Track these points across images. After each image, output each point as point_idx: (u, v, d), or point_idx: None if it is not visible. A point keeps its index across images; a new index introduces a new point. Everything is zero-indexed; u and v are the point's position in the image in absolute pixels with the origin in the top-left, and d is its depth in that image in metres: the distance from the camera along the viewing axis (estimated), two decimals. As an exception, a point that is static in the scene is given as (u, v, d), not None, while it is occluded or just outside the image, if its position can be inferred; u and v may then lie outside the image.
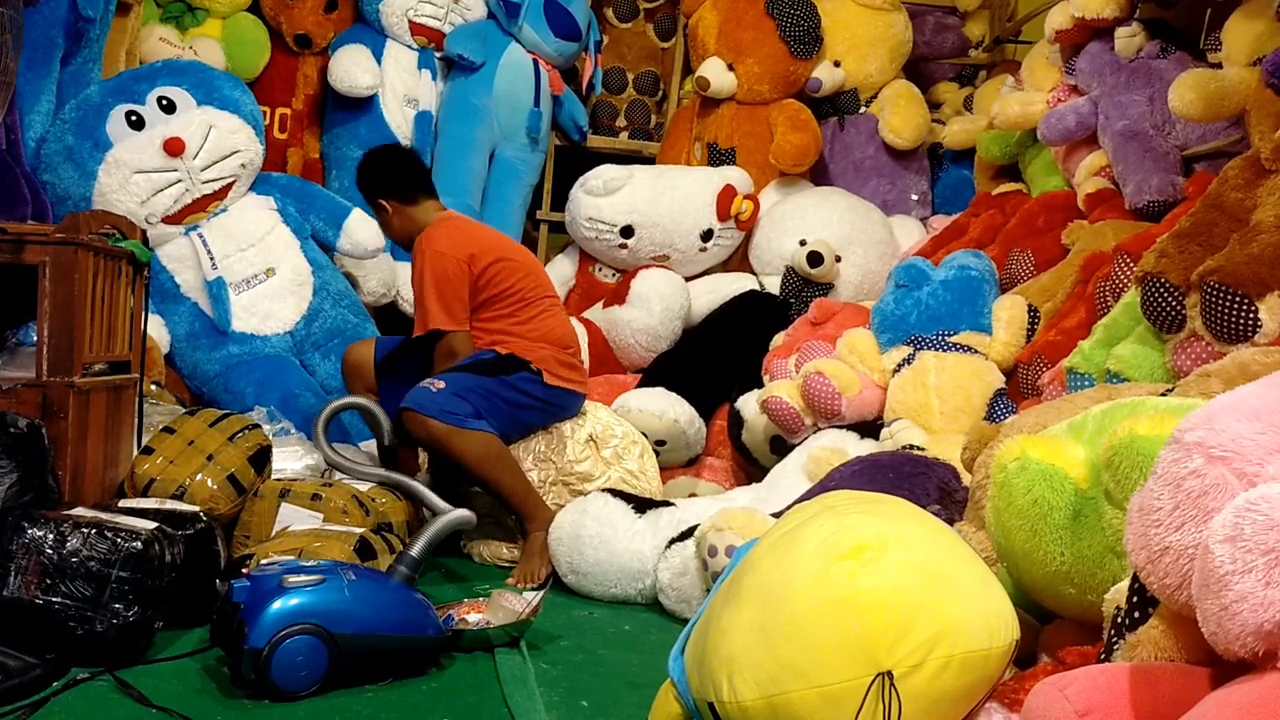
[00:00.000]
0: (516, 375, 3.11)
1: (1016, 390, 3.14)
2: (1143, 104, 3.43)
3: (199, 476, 2.58)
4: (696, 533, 2.56)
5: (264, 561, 2.25)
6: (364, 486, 2.87)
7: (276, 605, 1.94)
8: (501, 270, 3.19)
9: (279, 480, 2.75)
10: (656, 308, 4.15)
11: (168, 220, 3.69)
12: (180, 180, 3.65)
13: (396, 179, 3.30)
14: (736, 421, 3.63)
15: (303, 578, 1.99)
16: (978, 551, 1.59)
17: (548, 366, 3.17)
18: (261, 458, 2.74)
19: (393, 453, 3.20)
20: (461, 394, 2.99)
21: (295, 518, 2.62)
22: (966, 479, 2.29)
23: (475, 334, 3.19)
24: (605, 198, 4.33)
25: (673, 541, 2.67)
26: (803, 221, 4.37)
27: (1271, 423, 1.10)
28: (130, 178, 3.58)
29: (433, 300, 3.11)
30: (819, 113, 4.79)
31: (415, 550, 2.24)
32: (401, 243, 3.37)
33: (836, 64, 4.82)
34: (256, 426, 2.81)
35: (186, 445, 2.64)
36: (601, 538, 2.77)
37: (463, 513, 2.42)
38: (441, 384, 2.98)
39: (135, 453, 2.69)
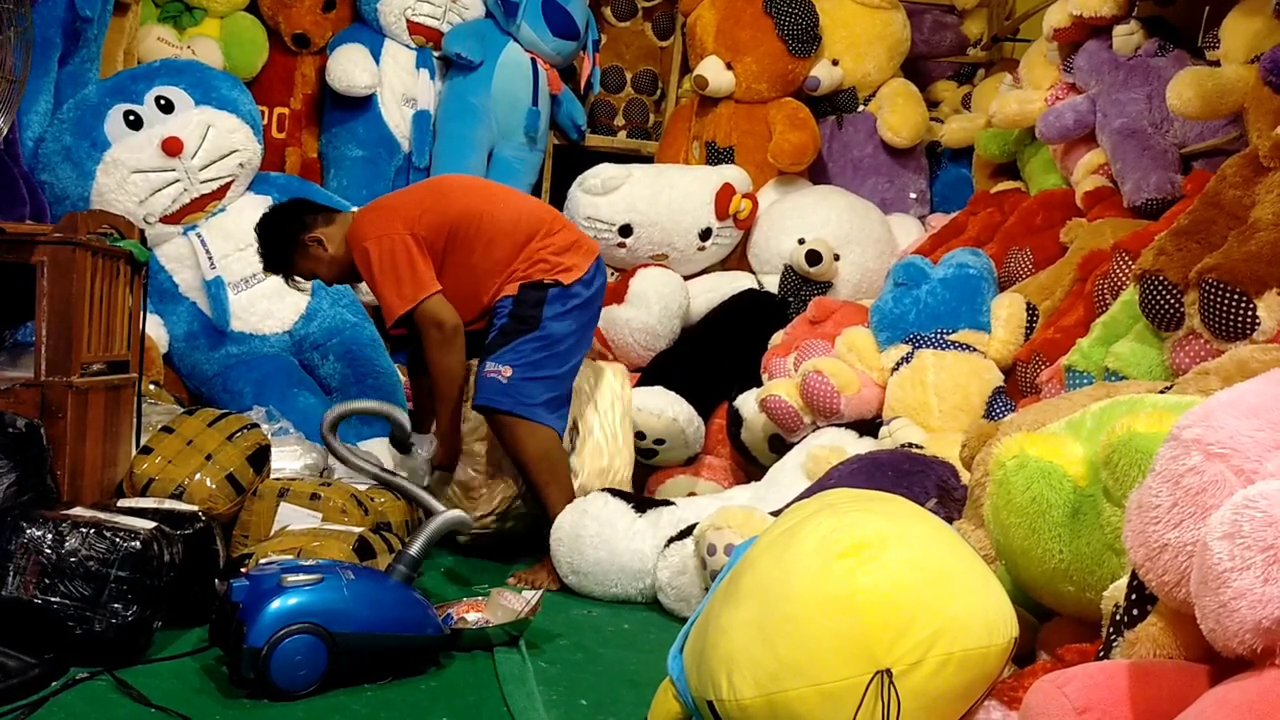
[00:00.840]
0: (547, 305, 3.03)
1: (1015, 388, 3.15)
2: (1141, 102, 3.43)
3: (198, 476, 2.58)
4: (695, 531, 2.56)
5: (263, 561, 2.26)
6: (363, 486, 2.87)
7: (275, 605, 1.94)
8: (434, 215, 3.04)
9: (278, 480, 2.75)
10: (655, 306, 4.15)
11: (166, 220, 3.69)
12: (178, 180, 3.65)
13: (302, 212, 3.14)
14: (735, 420, 3.63)
15: (301, 577, 1.99)
16: (976, 549, 1.59)
17: (557, 270, 3.06)
18: (260, 457, 2.75)
19: (407, 446, 3.18)
20: (532, 374, 2.95)
21: (294, 517, 2.62)
22: (965, 477, 2.29)
23: (472, 280, 3.06)
24: (603, 197, 4.33)
25: (671, 540, 2.67)
26: (801, 220, 4.37)
27: (1269, 420, 1.10)
28: (128, 177, 3.58)
29: (386, 288, 2.96)
30: (817, 111, 4.79)
31: (414, 549, 2.24)
32: (342, 275, 3.15)
33: (835, 62, 4.82)
34: (255, 426, 2.81)
35: (185, 445, 2.64)
36: (602, 537, 2.77)
37: (458, 514, 2.42)
38: (509, 370, 2.94)
39: (134, 452, 2.68)
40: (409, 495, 2.83)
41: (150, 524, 2.13)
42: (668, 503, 2.91)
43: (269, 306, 3.79)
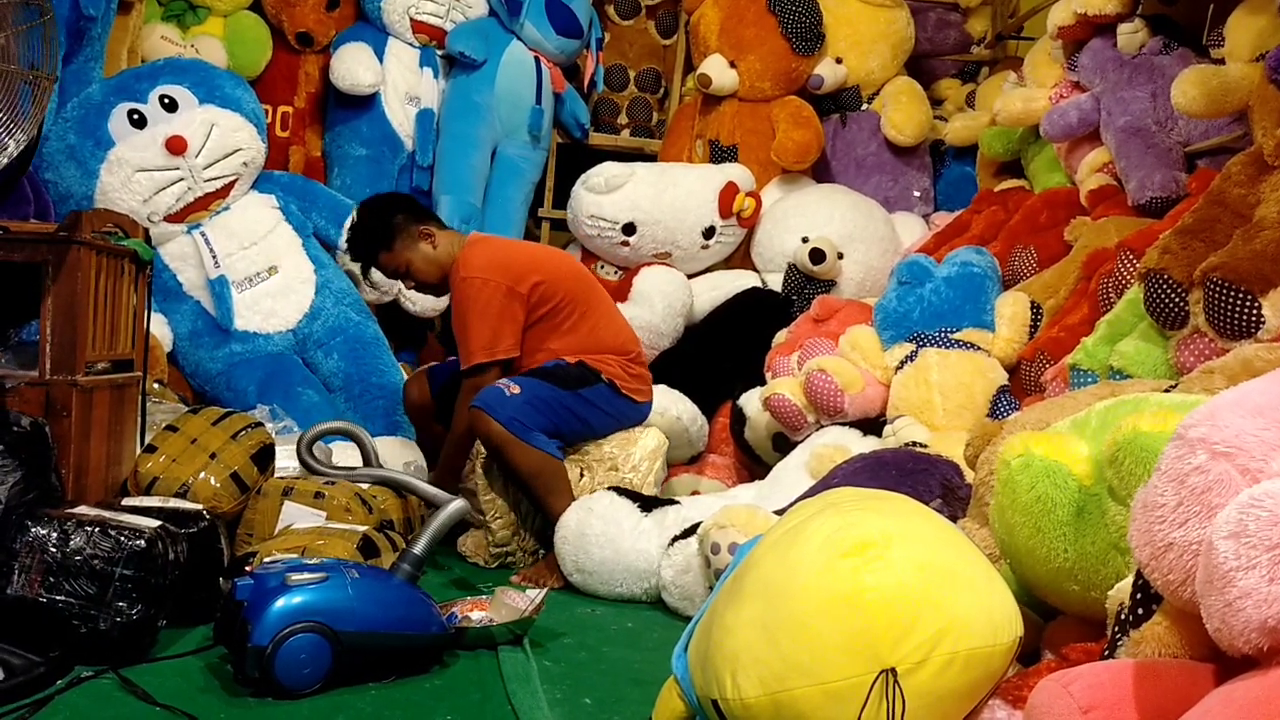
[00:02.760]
0: (590, 388, 3.06)
1: (1019, 387, 3.14)
2: (1145, 100, 3.42)
3: (202, 475, 2.58)
4: (699, 530, 2.56)
5: (267, 559, 2.26)
6: (366, 484, 2.87)
7: (280, 603, 1.94)
8: (549, 286, 3.08)
9: (282, 478, 2.76)
10: (659, 305, 4.15)
11: (170, 219, 3.70)
12: (182, 178, 3.65)
13: (417, 205, 3.20)
14: (739, 419, 3.63)
15: (306, 576, 2.00)
16: (981, 548, 1.59)
17: (620, 379, 3.12)
18: (264, 456, 2.75)
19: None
20: (534, 404, 2.93)
21: (298, 516, 2.63)
22: (969, 476, 2.29)
23: (533, 352, 3.09)
24: (607, 195, 4.33)
25: (675, 539, 2.67)
26: (805, 219, 4.37)
27: (1275, 419, 1.10)
28: (132, 176, 3.58)
29: (476, 329, 2.99)
30: (821, 110, 4.78)
31: (418, 548, 2.24)
32: (438, 279, 3.16)
33: (838, 61, 4.81)
34: (259, 425, 2.81)
35: (189, 444, 2.64)
36: (607, 536, 2.77)
37: (460, 503, 2.41)
38: (516, 389, 2.92)
39: (138, 451, 2.69)
40: (408, 488, 2.84)
41: (155, 523, 2.14)
42: (673, 501, 2.91)
43: (272, 305, 3.80)
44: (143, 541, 2.04)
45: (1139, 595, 1.27)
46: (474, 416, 2.89)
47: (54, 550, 2.01)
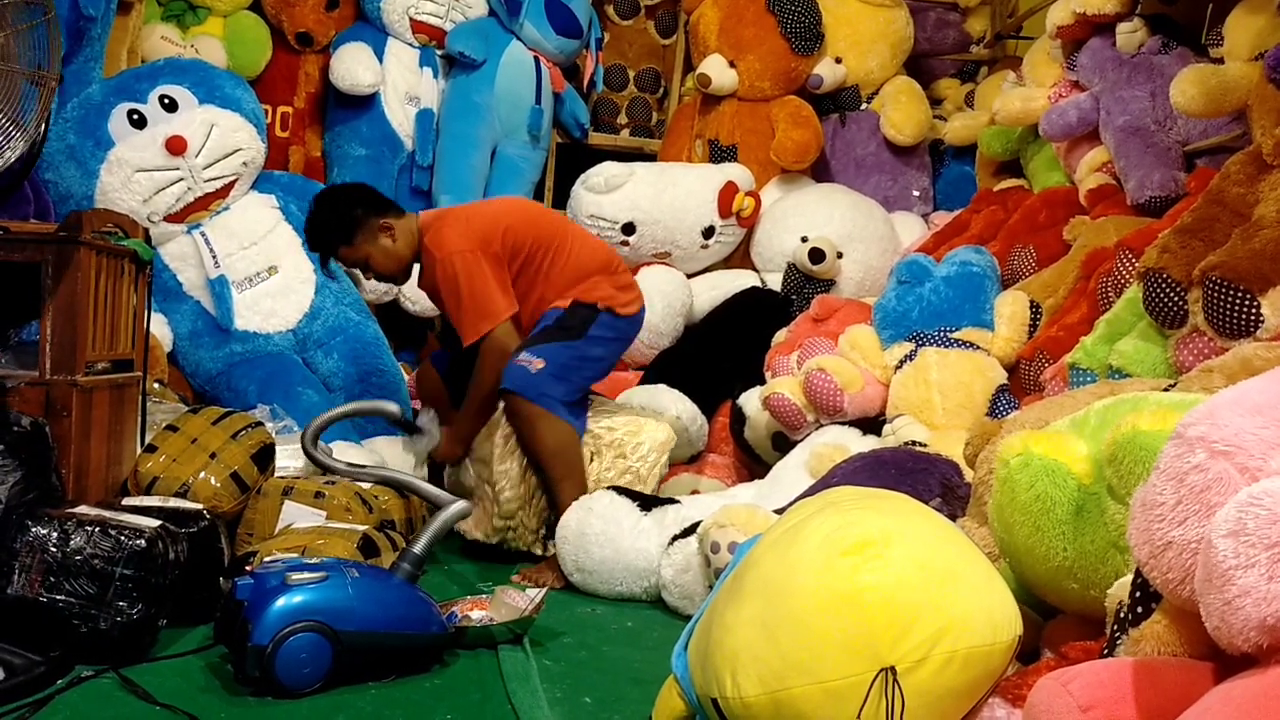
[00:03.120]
0: (594, 324, 3.14)
1: (1019, 386, 3.15)
2: (1144, 99, 3.42)
3: (202, 474, 2.58)
4: (699, 530, 2.56)
5: (267, 559, 2.26)
6: (366, 484, 2.87)
7: (280, 603, 1.94)
8: (516, 236, 3.15)
9: (282, 478, 2.76)
10: (658, 305, 4.15)
11: (170, 219, 3.70)
12: (182, 179, 3.65)
13: (373, 195, 3.20)
14: (739, 418, 3.63)
15: (306, 575, 2.00)
16: (980, 547, 1.59)
17: (614, 300, 3.20)
18: (264, 455, 2.75)
19: (412, 427, 3.24)
20: (558, 373, 3.02)
21: (298, 515, 2.63)
22: (969, 475, 2.29)
23: (524, 300, 3.17)
24: (607, 195, 4.33)
25: (675, 538, 2.67)
26: (804, 218, 4.37)
27: (1274, 418, 1.10)
28: (132, 176, 3.58)
29: (472, 302, 3.04)
30: (820, 109, 4.78)
31: (418, 547, 2.24)
32: (405, 266, 3.20)
33: (838, 60, 4.82)
34: (259, 424, 2.81)
35: (189, 443, 2.64)
36: (607, 535, 2.77)
37: (462, 504, 2.41)
38: (540, 363, 3.00)
39: (138, 451, 2.69)
40: (411, 489, 2.84)
41: (155, 522, 2.14)
42: (673, 501, 2.91)
43: (272, 305, 3.80)
44: (143, 541, 2.04)
45: (1138, 594, 1.27)
46: (508, 399, 3.00)
47: (54, 550, 2.01)
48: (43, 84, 2.59)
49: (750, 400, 3.57)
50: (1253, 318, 2.26)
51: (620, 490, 2.91)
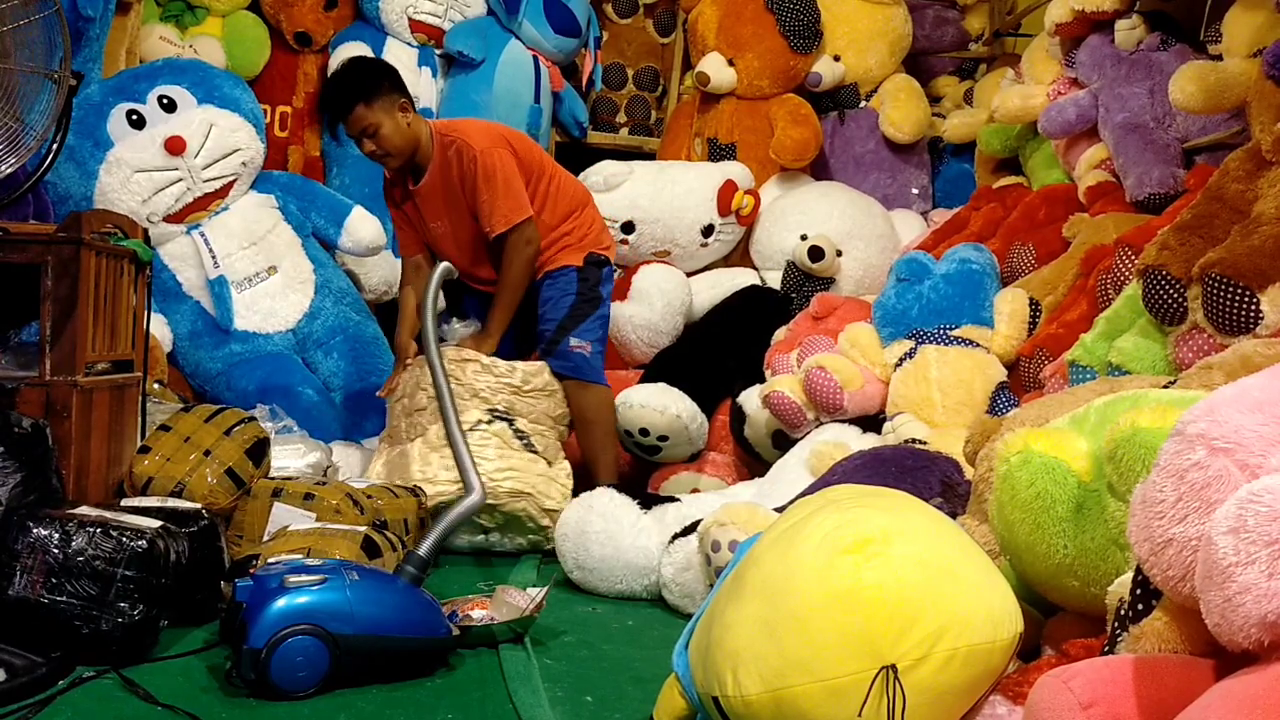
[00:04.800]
0: (604, 281, 3.47)
1: (1018, 383, 3.15)
2: (1143, 96, 3.42)
3: (197, 472, 2.58)
4: (699, 528, 2.56)
5: (270, 560, 2.26)
6: (360, 485, 2.87)
7: (276, 605, 1.93)
8: (523, 152, 3.34)
9: (272, 479, 2.74)
10: (658, 303, 4.15)
11: (169, 219, 3.70)
12: (181, 179, 3.65)
13: (402, 81, 3.31)
14: (738, 416, 3.63)
15: (304, 577, 1.99)
16: (981, 545, 1.59)
17: (611, 246, 3.50)
18: (259, 450, 2.74)
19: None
20: (598, 346, 3.40)
21: (288, 517, 2.61)
22: (969, 472, 2.29)
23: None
24: (606, 193, 4.33)
25: (676, 537, 2.67)
26: (803, 216, 4.37)
27: (1274, 414, 1.10)
28: (131, 177, 3.58)
29: (508, 193, 3.22)
30: (819, 107, 4.78)
31: (423, 549, 2.24)
32: (406, 152, 3.26)
33: (836, 58, 4.81)
34: (252, 419, 2.81)
35: (183, 442, 2.64)
36: (607, 533, 2.77)
37: (470, 502, 2.40)
38: (587, 345, 3.36)
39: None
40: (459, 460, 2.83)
41: (156, 523, 2.14)
42: (673, 499, 2.91)
43: (272, 305, 3.80)
44: (144, 542, 2.04)
45: (1139, 591, 1.27)
46: (573, 388, 3.33)
47: (56, 551, 2.01)
48: (58, 83, 2.57)
49: (750, 398, 3.57)
50: (1252, 314, 2.26)
51: (620, 488, 2.91)
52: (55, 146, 2.63)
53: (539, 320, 3.42)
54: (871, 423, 3.22)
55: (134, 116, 3.60)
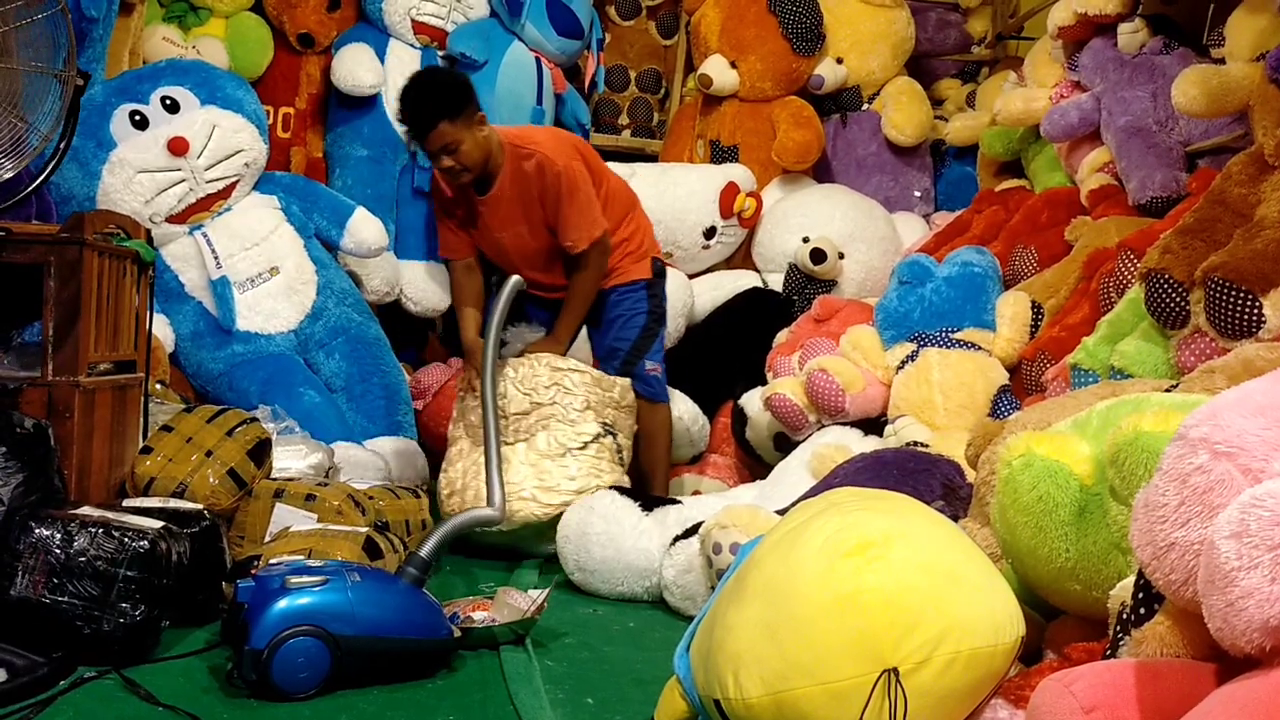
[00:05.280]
0: (664, 294, 3.54)
1: (1020, 387, 3.14)
2: (1146, 100, 3.42)
3: (199, 473, 2.58)
4: (701, 530, 2.56)
5: (272, 561, 2.26)
6: (361, 486, 2.87)
7: (277, 606, 1.94)
8: (588, 160, 3.38)
9: (274, 480, 2.74)
10: (660, 305, 4.15)
11: (172, 220, 3.69)
12: (184, 180, 3.65)
13: (475, 92, 3.29)
14: (740, 419, 3.63)
15: (306, 579, 1.99)
16: (982, 548, 1.59)
17: (658, 247, 3.60)
18: (261, 451, 2.73)
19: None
20: (664, 364, 3.50)
21: (290, 518, 2.61)
22: (971, 475, 2.29)
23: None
24: (608, 195, 4.33)
25: (677, 539, 2.67)
26: (806, 218, 4.37)
27: (1277, 418, 1.10)
28: (134, 177, 3.58)
29: (589, 208, 3.26)
30: (821, 110, 4.79)
31: (425, 551, 2.23)
32: (482, 164, 3.23)
33: (839, 61, 4.82)
34: (254, 420, 2.80)
35: (184, 442, 2.64)
36: (609, 535, 2.77)
37: (476, 513, 2.40)
38: (659, 367, 3.46)
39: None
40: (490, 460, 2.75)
41: (158, 523, 2.14)
42: (674, 501, 2.91)
43: (274, 306, 3.79)
44: (146, 542, 2.04)
45: (1141, 595, 1.27)
46: (644, 406, 3.37)
47: (58, 551, 2.01)
48: (65, 83, 2.57)
49: (752, 401, 3.58)
50: (1255, 318, 2.26)
51: (622, 490, 2.91)
52: (62, 146, 2.63)
53: (607, 332, 3.46)
54: (873, 425, 3.22)
55: (137, 117, 3.60)
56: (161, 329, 3.64)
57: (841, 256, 4.25)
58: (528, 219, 3.32)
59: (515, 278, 3.02)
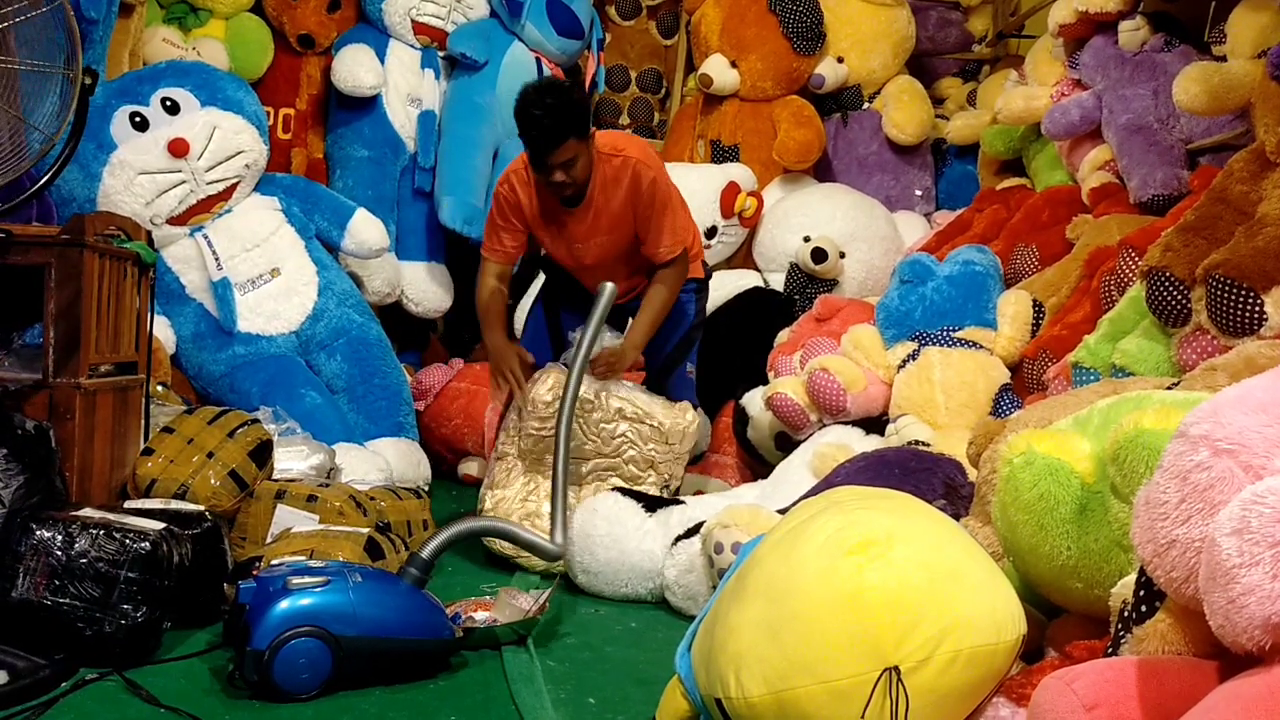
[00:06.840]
0: (706, 294, 3.54)
1: (1022, 385, 3.14)
2: (1147, 98, 3.42)
3: (200, 474, 2.58)
4: (702, 530, 2.56)
5: (274, 562, 2.26)
6: (363, 487, 2.86)
7: (279, 607, 1.94)
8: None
9: (275, 481, 2.74)
10: (661, 305, 4.14)
11: (172, 221, 3.70)
12: (185, 181, 3.65)
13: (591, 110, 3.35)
14: (742, 418, 3.63)
15: (307, 579, 1.99)
16: (984, 546, 1.59)
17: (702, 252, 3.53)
18: (262, 452, 2.74)
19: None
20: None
21: (291, 519, 2.62)
22: (972, 474, 2.29)
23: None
24: (609, 195, 4.33)
25: (679, 539, 2.67)
26: (807, 218, 4.37)
27: (1278, 416, 1.10)
28: (135, 179, 3.58)
29: (677, 219, 3.21)
30: (822, 109, 4.79)
31: (426, 552, 2.23)
32: (583, 184, 3.11)
33: (840, 60, 4.82)
34: (255, 421, 2.81)
35: (186, 444, 2.64)
36: (612, 536, 2.77)
37: (475, 523, 2.41)
38: (693, 370, 3.45)
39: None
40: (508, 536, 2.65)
41: (159, 525, 2.14)
42: (677, 501, 2.91)
43: (275, 307, 3.80)
44: (147, 544, 2.04)
45: (1142, 592, 1.27)
46: (681, 409, 3.23)
47: (59, 553, 2.01)
48: (72, 82, 2.57)
49: (753, 400, 3.57)
50: (1256, 316, 2.25)
51: (625, 491, 2.91)
52: (68, 151, 2.63)
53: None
54: (875, 424, 3.22)
55: (137, 119, 3.60)
56: (162, 331, 3.64)
57: (842, 256, 4.24)
58: (617, 228, 3.17)
59: (610, 285, 2.96)
